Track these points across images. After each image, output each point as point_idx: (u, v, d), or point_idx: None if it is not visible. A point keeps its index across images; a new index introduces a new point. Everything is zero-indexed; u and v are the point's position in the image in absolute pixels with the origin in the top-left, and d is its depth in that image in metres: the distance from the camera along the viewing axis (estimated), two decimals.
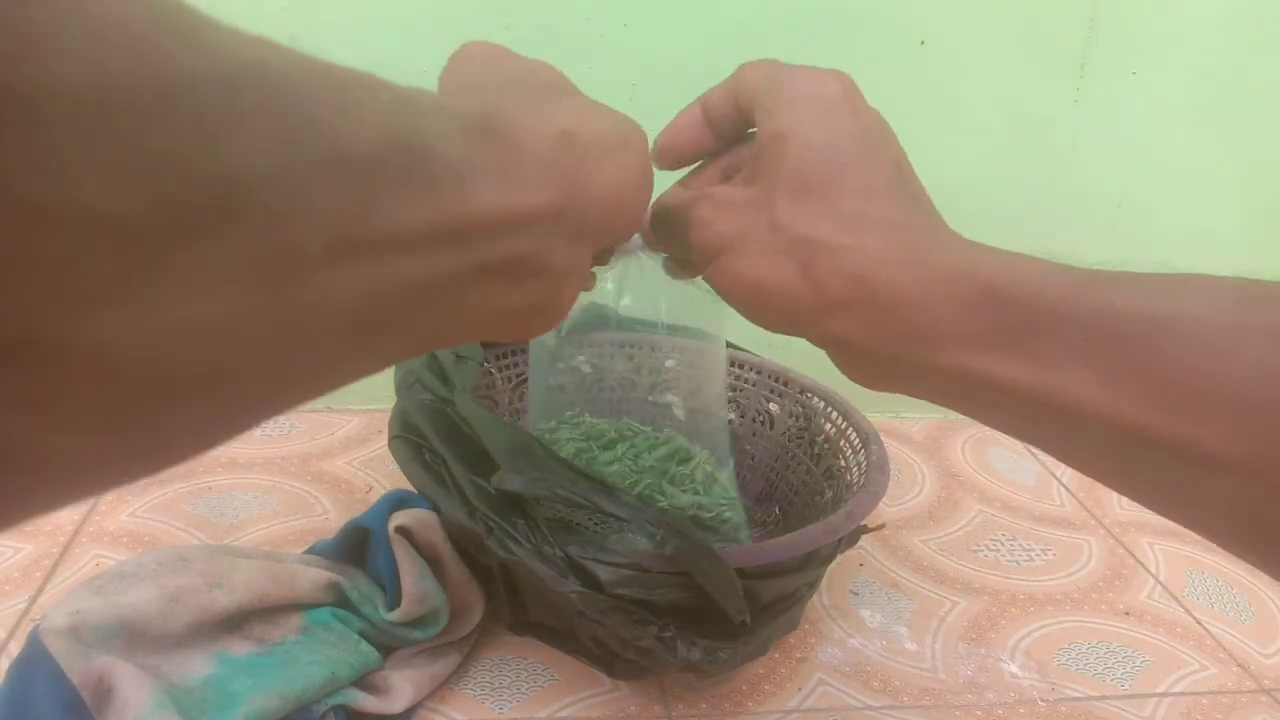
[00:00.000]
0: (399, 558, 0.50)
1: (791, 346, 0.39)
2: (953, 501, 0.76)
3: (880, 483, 0.55)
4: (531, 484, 0.47)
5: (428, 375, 0.57)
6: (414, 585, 0.49)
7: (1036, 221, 0.84)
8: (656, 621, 0.47)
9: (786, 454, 0.67)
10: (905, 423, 0.88)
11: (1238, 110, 0.83)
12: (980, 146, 0.80)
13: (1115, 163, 0.83)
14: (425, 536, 0.51)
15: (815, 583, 0.56)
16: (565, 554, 0.47)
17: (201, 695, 0.44)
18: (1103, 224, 0.85)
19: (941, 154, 0.80)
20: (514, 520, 0.48)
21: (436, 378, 0.57)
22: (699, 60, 0.75)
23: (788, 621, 0.54)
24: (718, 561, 0.46)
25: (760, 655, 0.54)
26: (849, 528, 0.52)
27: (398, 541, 0.50)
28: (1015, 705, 0.55)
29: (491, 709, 0.51)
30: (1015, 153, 0.81)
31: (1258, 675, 0.59)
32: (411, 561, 0.50)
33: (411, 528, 0.50)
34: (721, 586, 0.46)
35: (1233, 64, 0.82)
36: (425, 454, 0.52)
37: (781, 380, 0.69)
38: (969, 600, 0.64)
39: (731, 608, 0.47)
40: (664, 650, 0.47)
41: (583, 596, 0.46)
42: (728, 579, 0.46)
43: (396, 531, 0.50)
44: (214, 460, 0.70)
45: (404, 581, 0.50)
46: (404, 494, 0.53)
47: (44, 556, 0.58)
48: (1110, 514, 0.76)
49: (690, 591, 0.46)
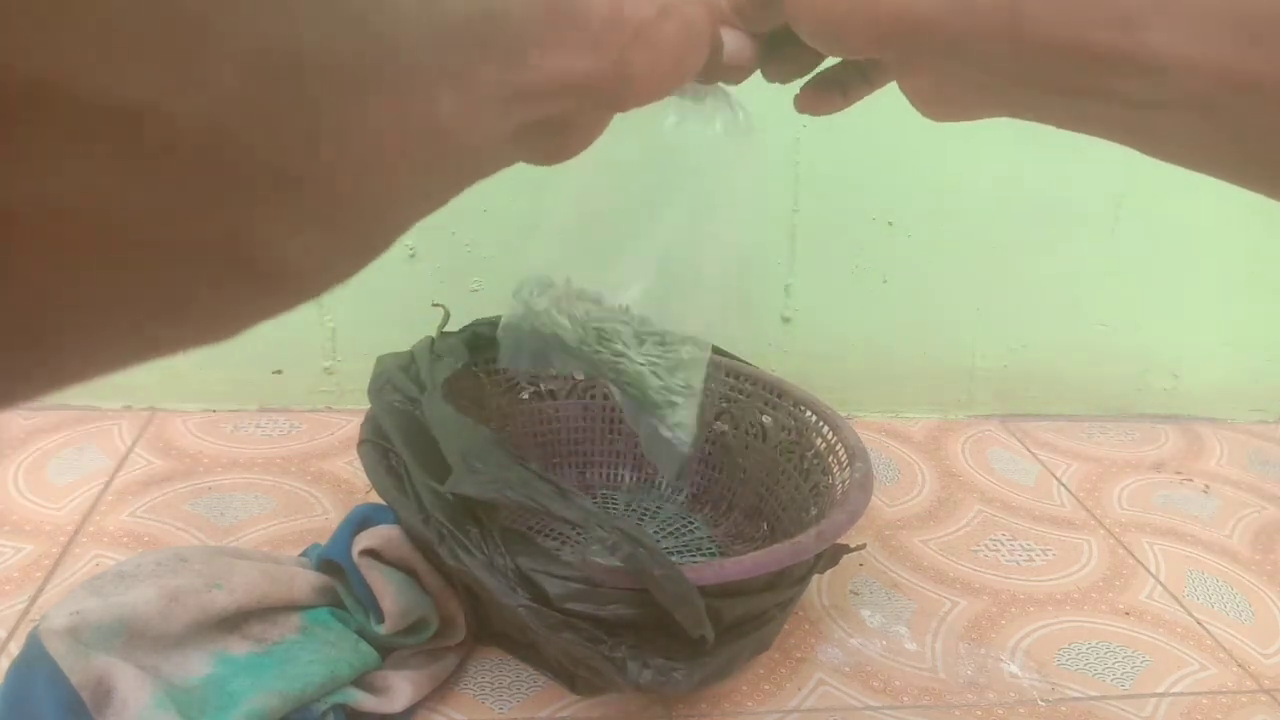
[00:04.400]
0: (371, 581, 0.49)
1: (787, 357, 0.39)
2: (953, 501, 0.76)
3: (859, 502, 0.54)
4: (483, 487, 0.46)
5: (400, 377, 0.56)
6: (393, 603, 0.49)
7: (1036, 221, 0.84)
8: (607, 640, 0.45)
9: (777, 468, 0.66)
10: (905, 423, 0.88)
11: None
12: (980, 146, 0.80)
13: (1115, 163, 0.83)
14: (395, 553, 0.50)
15: (788, 603, 0.53)
16: (516, 565, 0.45)
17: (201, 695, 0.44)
18: (1103, 224, 0.85)
19: (941, 154, 0.81)
20: (467, 528, 0.46)
21: (410, 379, 0.56)
22: None
23: (757, 642, 0.52)
24: (672, 570, 0.44)
25: (724, 678, 0.52)
26: (818, 548, 0.50)
27: (365, 564, 0.49)
28: (1015, 705, 0.55)
29: (491, 709, 0.51)
30: (1015, 153, 0.81)
31: (1258, 675, 0.59)
32: (385, 581, 0.49)
33: (378, 548, 0.50)
34: (676, 598, 0.44)
35: None
36: (391, 458, 0.52)
37: (776, 392, 0.68)
38: (969, 600, 0.64)
39: (688, 621, 0.45)
40: (613, 670, 0.45)
41: (531, 611, 0.45)
42: (683, 590, 0.44)
43: (362, 555, 0.49)
44: (214, 460, 0.70)
45: (383, 602, 0.49)
46: (368, 510, 0.53)
47: (44, 556, 0.58)
48: (1110, 514, 0.76)
49: (645, 608, 0.45)
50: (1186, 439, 0.90)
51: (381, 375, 0.57)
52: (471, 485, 0.46)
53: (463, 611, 0.52)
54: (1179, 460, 0.86)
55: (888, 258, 0.83)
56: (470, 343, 0.64)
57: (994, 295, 0.86)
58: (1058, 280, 0.87)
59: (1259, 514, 0.78)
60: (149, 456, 0.70)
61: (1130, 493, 0.79)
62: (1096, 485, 0.80)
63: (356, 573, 0.50)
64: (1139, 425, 0.92)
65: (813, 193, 0.80)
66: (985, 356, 0.88)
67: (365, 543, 0.50)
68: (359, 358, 0.76)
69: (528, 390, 0.68)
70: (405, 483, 0.50)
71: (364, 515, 0.52)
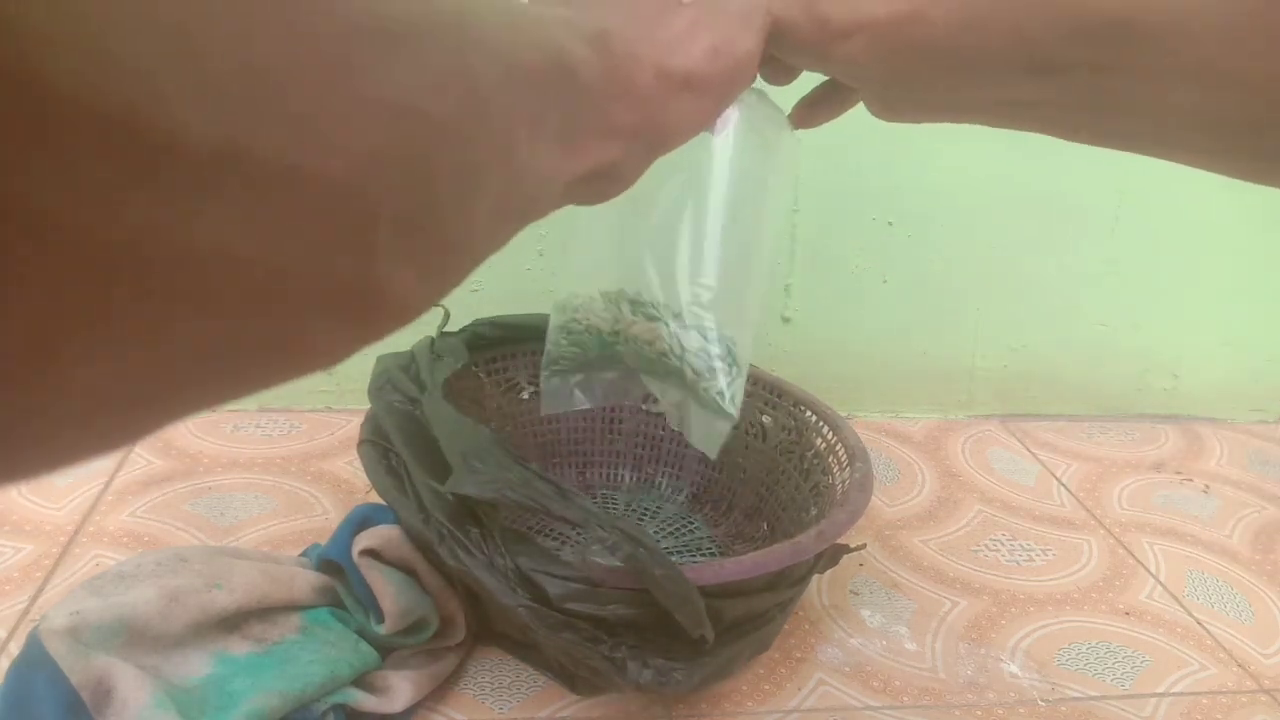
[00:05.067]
0: (370, 580, 0.49)
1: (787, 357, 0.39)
2: (953, 501, 0.76)
3: (859, 502, 0.54)
4: (483, 487, 0.46)
5: (400, 377, 0.56)
6: (393, 603, 0.49)
7: (1036, 221, 0.84)
8: (607, 640, 0.45)
9: (777, 468, 0.66)
10: (905, 423, 0.88)
11: None
12: (980, 146, 0.80)
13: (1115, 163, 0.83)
14: (395, 553, 0.50)
15: (788, 603, 0.53)
16: (516, 565, 0.45)
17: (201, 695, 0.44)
18: (1103, 224, 0.85)
19: (942, 154, 0.81)
20: (468, 528, 0.46)
21: (410, 379, 0.56)
22: None
23: (757, 642, 0.52)
24: (672, 570, 0.44)
25: (724, 678, 0.52)
26: (818, 548, 0.50)
27: (365, 564, 0.49)
28: (1015, 705, 0.55)
29: (491, 709, 0.51)
30: (1015, 153, 0.81)
31: (1258, 675, 0.59)
32: (385, 581, 0.49)
33: (378, 548, 0.50)
34: (676, 598, 0.44)
35: None
36: (391, 458, 0.51)
37: (776, 392, 0.68)
38: (969, 600, 0.64)
39: (688, 621, 0.45)
40: (613, 670, 0.45)
41: (531, 611, 0.45)
42: (683, 590, 0.44)
43: (362, 555, 0.49)
44: (214, 460, 0.70)
45: (383, 603, 0.49)
46: (368, 510, 0.52)
47: (44, 556, 0.58)
48: (1110, 514, 0.76)
49: (645, 608, 0.44)
50: (1186, 439, 0.90)
51: (381, 375, 0.57)
52: (472, 485, 0.46)
53: (463, 611, 0.52)
54: (1179, 460, 0.86)
55: (888, 258, 0.83)
56: (470, 343, 0.64)
57: (994, 295, 0.86)
58: (1058, 280, 0.87)
59: (1259, 514, 0.78)
60: (149, 456, 0.70)
61: (1130, 493, 0.79)
62: (1096, 485, 0.80)
63: (356, 573, 0.50)
64: (1139, 425, 0.92)
65: (813, 193, 0.80)
66: (985, 356, 0.88)
67: (365, 543, 0.49)
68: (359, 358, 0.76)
69: (527, 390, 0.68)
70: (405, 483, 0.50)
71: (364, 515, 0.52)
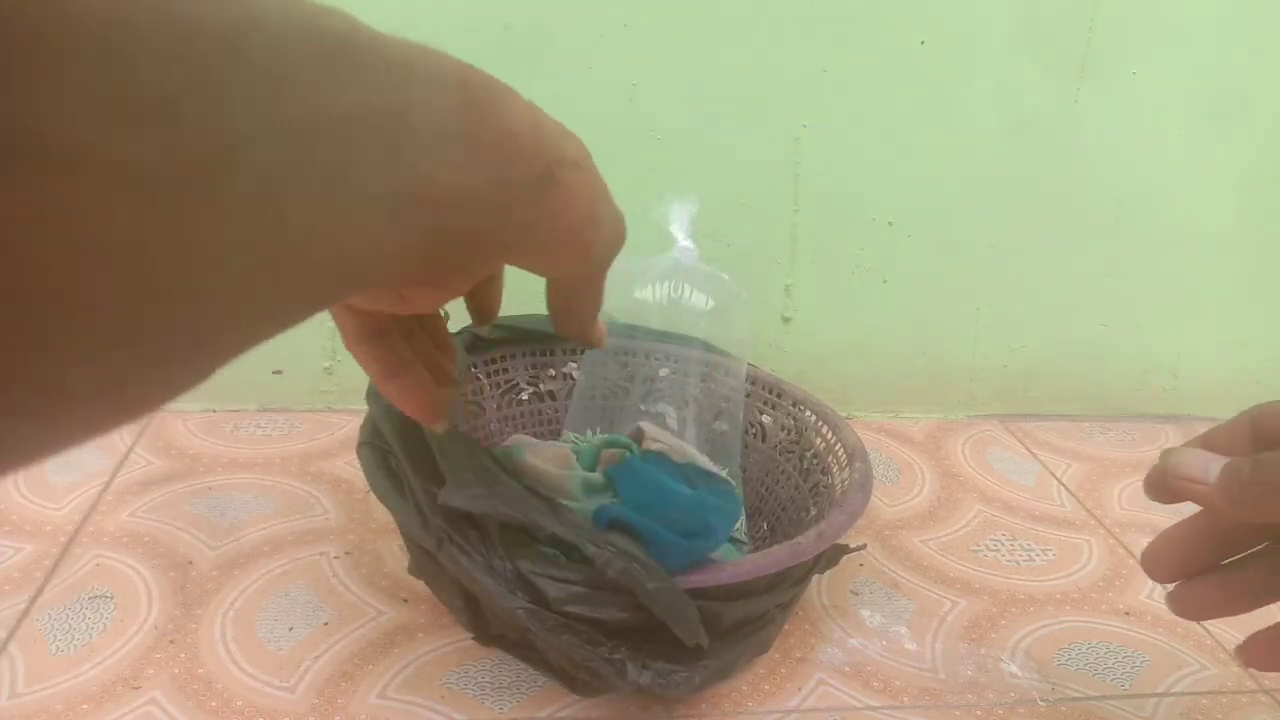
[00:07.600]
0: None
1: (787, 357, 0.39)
2: (953, 501, 0.76)
3: (858, 502, 0.54)
4: (473, 500, 0.46)
5: None
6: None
7: (1036, 221, 0.84)
8: (607, 642, 0.45)
9: (776, 468, 0.66)
10: (905, 423, 0.88)
11: (1238, 110, 0.83)
12: (980, 146, 0.80)
13: (1115, 163, 0.83)
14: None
15: (788, 604, 0.53)
16: (515, 568, 0.45)
17: None
18: (1103, 224, 0.85)
19: (942, 154, 0.81)
20: (467, 532, 0.46)
21: None
22: (699, 60, 0.75)
23: (757, 644, 0.52)
24: (667, 583, 0.44)
25: (725, 679, 0.52)
26: (818, 549, 0.50)
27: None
28: (1015, 705, 0.55)
29: (491, 709, 0.51)
30: (1015, 153, 0.81)
31: (1258, 675, 0.59)
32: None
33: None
34: (672, 611, 0.44)
35: (1233, 64, 0.82)
36: (390, 461, 0.52)
37: (775, 392, 0.68)
38: (969, 600, 0.64)
39: (683, 632, 0.45)
40: (613, 673, 0.45)
41: (530, 613, 0.45)
42: (678, 603, 0.44)
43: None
44: (214, 460, 0.70)
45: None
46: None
47: (44, 556, 0.58)
48: (1110, 514, 0.76)
49: (644, 611, 0.45)
50: (1186, 439, 0.90)
51: None
52: (463, 498, 0.46)
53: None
54: None
55: (888, 258, 0.83)
56: (469, 344, 0.64)
57: (994, 295, 0.86)
58: (1058, 280, 0.87)
59: None
60: (149, 456, 0.70)
61: (1130, 493, 0.79)
62: (1096, 485, 0.80)
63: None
64: (1139, 425, 0.92)
65: (813, 193, 0.80)
66: (985, 356, 0.88)
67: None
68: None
69: (527, 391, 0.68)
70: (404, 486, 0.50)
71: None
